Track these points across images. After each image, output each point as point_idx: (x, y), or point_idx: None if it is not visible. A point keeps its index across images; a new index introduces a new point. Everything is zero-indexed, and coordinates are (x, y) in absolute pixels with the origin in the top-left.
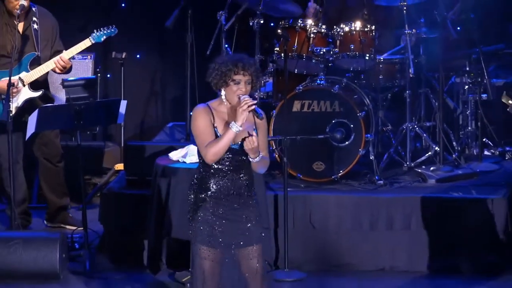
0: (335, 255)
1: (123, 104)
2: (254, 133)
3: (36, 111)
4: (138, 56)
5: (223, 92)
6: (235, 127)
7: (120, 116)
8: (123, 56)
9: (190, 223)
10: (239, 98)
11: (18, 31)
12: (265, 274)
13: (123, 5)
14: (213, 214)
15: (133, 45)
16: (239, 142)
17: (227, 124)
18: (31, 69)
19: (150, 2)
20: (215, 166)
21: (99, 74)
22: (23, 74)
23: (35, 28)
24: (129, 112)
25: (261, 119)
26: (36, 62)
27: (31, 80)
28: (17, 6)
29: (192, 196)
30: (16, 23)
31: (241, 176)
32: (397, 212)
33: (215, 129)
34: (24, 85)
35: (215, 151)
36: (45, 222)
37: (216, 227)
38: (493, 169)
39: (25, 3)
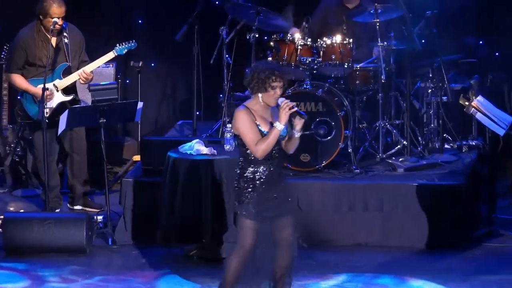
0: (319, 232)
1: (140, 105)
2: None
3: (67, 111)
4: (152, 64)
5: (260, 95)
6: (279, 126)
7: (137, 115)
8: (140, 65)
9: (239, 204)
10: (277, 101)
11: (52, 45)
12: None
13: (140, 21)
14: (258, 194)
15: (148, 55)
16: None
17: (266, 120)
18: (64, 77)
19: (163, 19)
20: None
21: (119, 80)
22: (57, 81)
23: (66, 42)
24: (144, 112)
25: (304, 118)
26: (68, 71)
27: (63, 87)
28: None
29: (238, 182)
30: (49, 37)
31: (278, 161)
32: (371, 197)
33: (258, 126)
34: (57, 91)
35: (265, 148)
36: (68, 205)
37: (260, 205)
38: (452, 160)
39: (58, 21)
